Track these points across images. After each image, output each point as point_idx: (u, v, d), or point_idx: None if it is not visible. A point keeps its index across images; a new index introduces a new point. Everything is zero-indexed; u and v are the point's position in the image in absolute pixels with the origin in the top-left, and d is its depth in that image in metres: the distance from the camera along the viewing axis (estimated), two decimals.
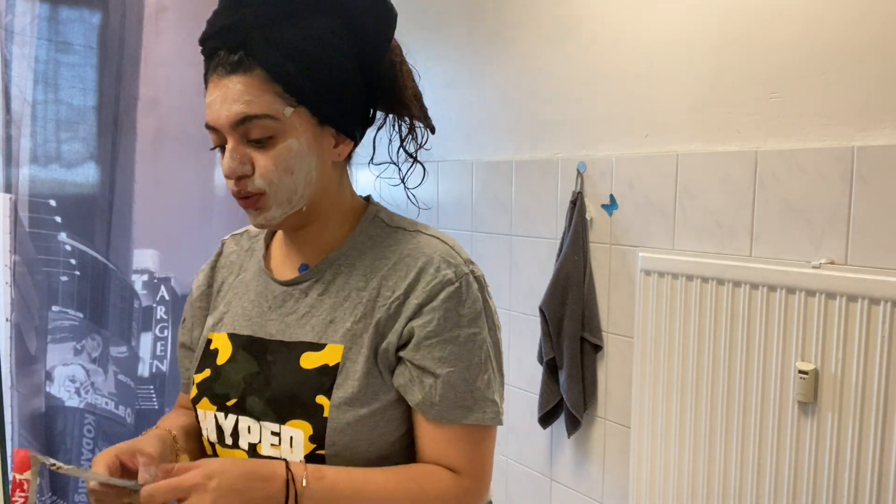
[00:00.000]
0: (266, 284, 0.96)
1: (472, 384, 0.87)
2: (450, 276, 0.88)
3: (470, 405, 0.87)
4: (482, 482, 0.90)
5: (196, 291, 1.06)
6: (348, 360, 0.87)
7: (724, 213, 1.70)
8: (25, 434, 1.86)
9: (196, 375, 0.97)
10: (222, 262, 1.05)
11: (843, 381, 1.45)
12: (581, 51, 2.04)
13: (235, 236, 1.07)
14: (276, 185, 0.85)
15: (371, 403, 0.87)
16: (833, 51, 1.51)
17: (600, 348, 2.01)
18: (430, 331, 0.86)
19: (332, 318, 0.90)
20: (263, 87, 0.82)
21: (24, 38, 1.80)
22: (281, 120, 0.83)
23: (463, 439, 0.88)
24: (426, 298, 0.87)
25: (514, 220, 2.29)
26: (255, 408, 0.89)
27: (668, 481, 1.78)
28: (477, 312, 0.89)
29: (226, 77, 0.82)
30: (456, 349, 0.87)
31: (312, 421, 0.86)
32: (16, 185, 1.82)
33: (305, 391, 0.87)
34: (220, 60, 0.83)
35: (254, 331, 0.94)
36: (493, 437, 0.92)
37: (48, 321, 1.89)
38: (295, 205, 0.88)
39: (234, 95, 0.82)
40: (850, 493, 1.44)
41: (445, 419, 0.87)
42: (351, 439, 0.86)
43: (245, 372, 0.92)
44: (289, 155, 0.84)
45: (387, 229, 0.94)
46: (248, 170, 0.84)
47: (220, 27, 0.83)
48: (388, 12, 0.89)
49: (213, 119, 0.84)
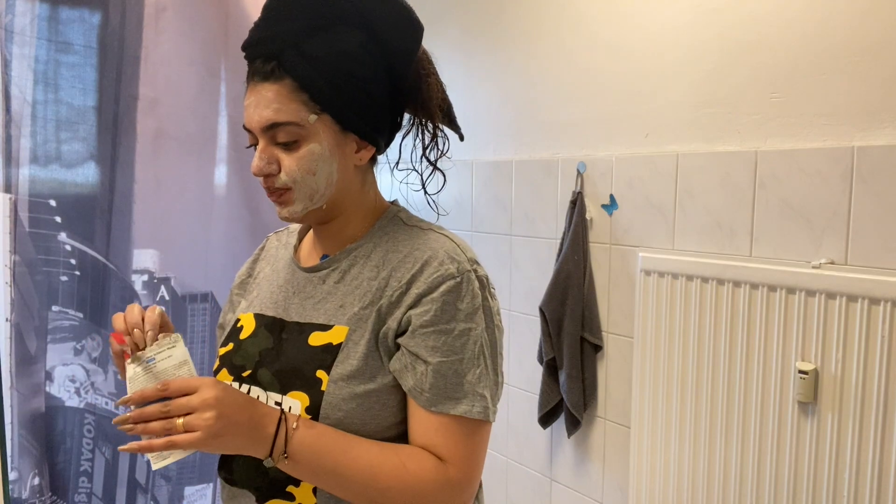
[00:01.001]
0: (293, 272, 1.05)
1: (462, 377, 0.90)
2: (452, 270, 0.92)
3: (459, 397, 0.90)
4: (468, 475, 0.91)
5: (237, 280, 1.16)
6: (351, 341, 0.93)
7: (724, 213, 1.70)
8: (25, 434, 1.86)
9: (221, 349, 1.06)
10: (264, 255, 1.15)
11: (843, 381, 1.45)
12: (581, 51, 2.04)
13: (278, 233, 1.18)
14: (299, 184, 0.93)
15: (367, 383, 0.91)
16: (833, 51, 1.51)
17: (600, 348, 2.01)
18: (426, 320, 0.90)
19: (343, 303, 0.96)
20: (292, 95, 0.90)
21: (24, 38, 1.80)
22: (305, 126, 0.91)
23: (451, 429, 0.90)
24: (427, 289, 0.91)
25: (514, 220, 2.29)
26: (264, 378, 0.96)
27: (667, 481, 1.78)
28: (475, 308, 0.92)
29: (260, 84, 0.91)
30: (449, 341, 0.90)
31: (310, 393, 0.91)
32: (16, 185, 1.82)
33: (308, 365, 0.93)
34: (257, 68, 0.92)
35: (277, 312, 1.02)
36: (485, 433, 0.93)
37: (48, 321, 1.89)
38: (316, 202, 0.96)
39: (265, 102, 0.91)
40: (850, 493, 1.44)
41: (434, 407, 0.90)
42: (345, 415, 0.90)
43: (261, 347, 1.00)
44: (311, 158, 0.92)
45: (403, 227, 1.00)
46: (274, 169, 0.93)
47: (258, 38, 0.92)
48: (413, 26, 0.95)
49: (248, 121, 0.93)
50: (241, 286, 1.15)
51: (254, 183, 2.12)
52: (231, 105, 2.07)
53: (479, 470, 0.94)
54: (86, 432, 1.98)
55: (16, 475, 1.84)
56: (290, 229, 1.16)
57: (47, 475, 1.90)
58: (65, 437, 1.94)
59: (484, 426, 0.93)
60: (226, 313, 1.16)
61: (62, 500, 1.95)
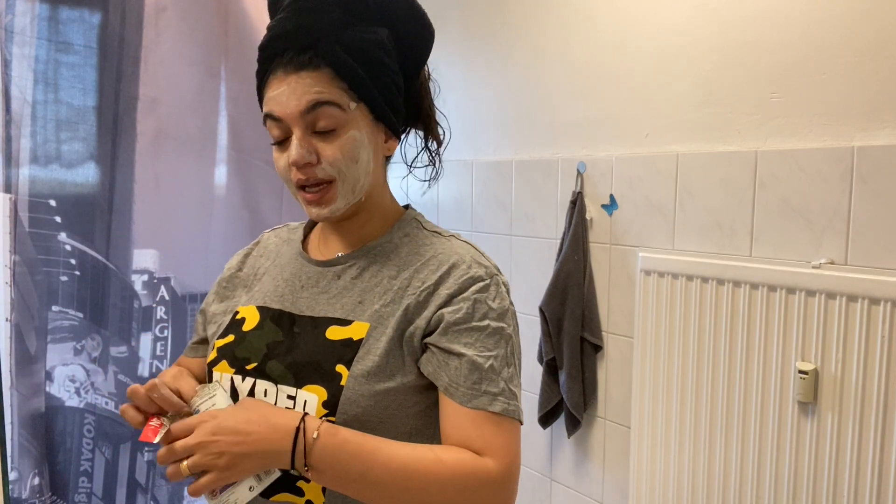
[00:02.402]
0: (301, 266, 1.02)
1: (497, 372, 0.89)
2: (480, 273, 0.93)
3: (495, 393, 0.88)
4: (510, 468, 0.86)
5: (226, 272, 1.12)
6: (372, 338, 0.91)
7: (724, 213, 1.70)
8: (25, 434, 1.86)
9: (218, 341, 1.01)
10: (258, 251, 1.12)
11: (843, 381, 1.45)
12: (581, 51, 2.04)
13: (275, 230, 1.15)
14: (344, 173, 0.91)
15: (387, 381, 0.89)
16: (833, 51, 1.51)
17: (600, 348, 2.01)
18: (459, 318, 0.89)
19: (362, 299, 0.94)
20: (332, 83, 0.89)
21: (24, 38, 1.80)
22: (346, 111, 0.90)
23: (486, 424, 0.87)
24: (457, 290, 0.91)
25: (514, 220, 2.29)
26: (275, 371, 0.92)
27: (668, 481, 1.78)
28: (504, 310, 0.92)
29: (293, 73, 0.89)
30: (483, 338, 0.89)
31: (329, 387, 0.88)
32: (16, 185, 1.82)
33: (327, 359, 0.90)
34: (287, 59, 0.90)
35: (283, 305, 0.99)
36: (519, 432, 0.91)
37: (48, 321, 1.89)
38: (357, 194, 0.94)
39: (303, 87, 0.89)
40: (850, 493, 1.44)
41: (471, 403, 0.87)
42: (363, 411, 0.88)
43: (269, 339, 0.96)
44: (354, 144, 0.91)
45: (423, 232, 1.00)
46: (314, 158, 0.90)
47: (289, 30, 0.90)
48: (429, 32, 0.98)
49: (280, 109, 0.90)
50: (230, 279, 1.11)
51: (254, 183, 2.12)
52: (231, 105, 2.07)
53: (519, 466, 0.90)
54: (86, 432, 1.98)
55: (16, 475, 1.84)
56: (290, 226, 1.14)
57: (47, 475, 1.90)
58: (65, 437, 1.94)
59: (517, 425, 0.91)
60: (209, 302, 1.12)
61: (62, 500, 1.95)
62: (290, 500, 0.91)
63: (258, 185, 2.11)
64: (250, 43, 2.05)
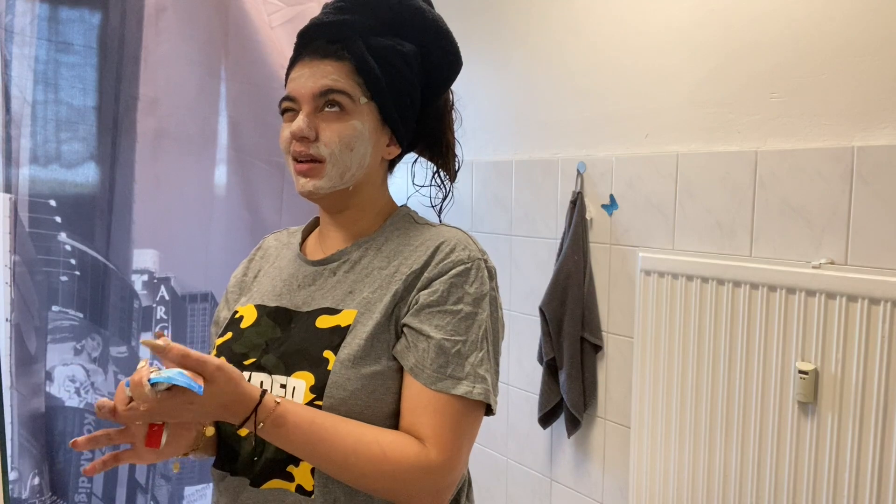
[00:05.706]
0: (299, 267, 1.06)
1: (465, 358, 0.90)
2: (462, 257, 0.95)
3: (460, 377, 0.90)
4: (450, 459, 0.89)
5: (233, 280, 1.16)
6: (359, 324, 0.94)
7: (724, 213, 1.70)
8: (25, 434, 1.86)
9: (218, 339, 1.05)
10: (260, 255, 1.16)
11: (843, 381, 1.45)
12: (581, 51, 2.04)
13: (276, 233, 1.19)
14: (336, 157, 0.96)
15: (373, 365, 0.92)
16: (833, 51, 1.51)
17: (600, 348, 2.01)
18: (433, 300, 0.92)
19: (353, 289, 0.98)
20: (350, 75, 0.96)
21: (24, 38, 1.80)
22: (356, 102, 0.97)
23: (441, 410, 0.89)
24: (437, 273, 0.94)
25: (514, 220, 2.29)
26: (269, 363, 0.97)
27: (668, 481, 1.78)
28: (482, 295, 0.94)
29: (318, 60, 0.97)
30: (455, 322, 0.91)
31: (316, 372, 0.92)
32: (16, 185, 1.82)
33: (314, 346, 0.94)
34: (318, 46, 0.97)
35: (280, 303, 1.03)
36: (478, 418, 0.93)
37: (48, 321, 1.89)
38: (346, 181, 0.98)
39: (323, 72, 0.96)
40: (850, 493, 1.44)
41: (435, 385, 0.89)
42: (349, 395, 0.90)
43: (267, 336, 1.00)
44: (352, 133, 0.96)
45: (414, 224, 1.04)
46: (312, 134, 0.96)
47: (328, 22, 0.98)
48: (454, 58, 1.05)
49: (296, 90, 0.97)
50: (237, 286, 1.14)
51: (254, 183, 2.11)
52: (231, 105, 2.07)
53: (463, 456, 0.92)
54: (86, 432, 1.98)
55: (16, 475, 1.84)
56: (290, 230, 1.17)
57: (47, 475, 1.90)
58: (65, 437, 1.94)
59: (479, 411, 0.93)
60: (220, 311, 1.15)
61: (62, 500, 1.95)
62: (281, 486, 0.93)
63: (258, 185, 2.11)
64: (250, 43, 2.05)
